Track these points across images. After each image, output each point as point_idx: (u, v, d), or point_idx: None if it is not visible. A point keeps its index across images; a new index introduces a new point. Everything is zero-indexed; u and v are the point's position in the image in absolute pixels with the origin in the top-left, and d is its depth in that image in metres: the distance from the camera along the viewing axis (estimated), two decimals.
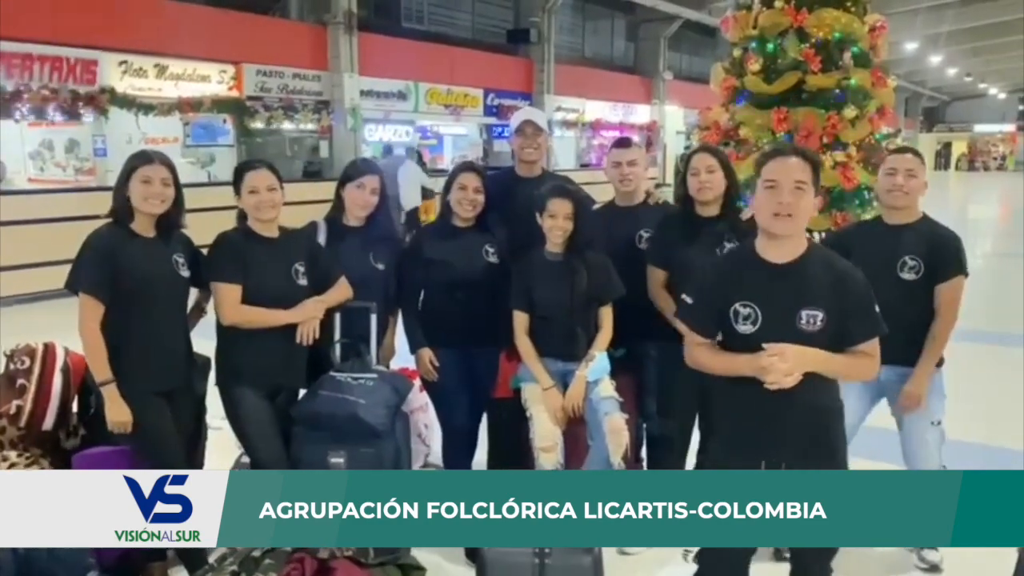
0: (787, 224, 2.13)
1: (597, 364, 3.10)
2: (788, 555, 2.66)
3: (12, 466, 3.08)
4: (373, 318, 3.15)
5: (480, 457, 3.56)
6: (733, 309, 2.17)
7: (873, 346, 2.23)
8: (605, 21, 23.51)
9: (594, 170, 18.72)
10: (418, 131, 16.74)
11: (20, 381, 3.15)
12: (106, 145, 10.40)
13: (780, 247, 2.17)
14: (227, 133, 12.04)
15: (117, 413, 2.66)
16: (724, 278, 2.26)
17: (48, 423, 3.17)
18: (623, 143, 3.54)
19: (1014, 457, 4.27)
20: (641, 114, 23.49)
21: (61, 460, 3.18)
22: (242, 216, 2.98)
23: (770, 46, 8.81)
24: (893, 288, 2.93)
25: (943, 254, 2.98)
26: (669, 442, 3.41)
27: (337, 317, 3.12)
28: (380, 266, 3.26)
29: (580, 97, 20.23)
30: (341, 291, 3.08)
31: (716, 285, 2.25)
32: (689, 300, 2.32)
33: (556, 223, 3.11)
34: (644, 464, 3.62)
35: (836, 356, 2.16)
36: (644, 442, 3.62)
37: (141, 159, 2.76)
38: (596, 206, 3.71)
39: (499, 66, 17.73)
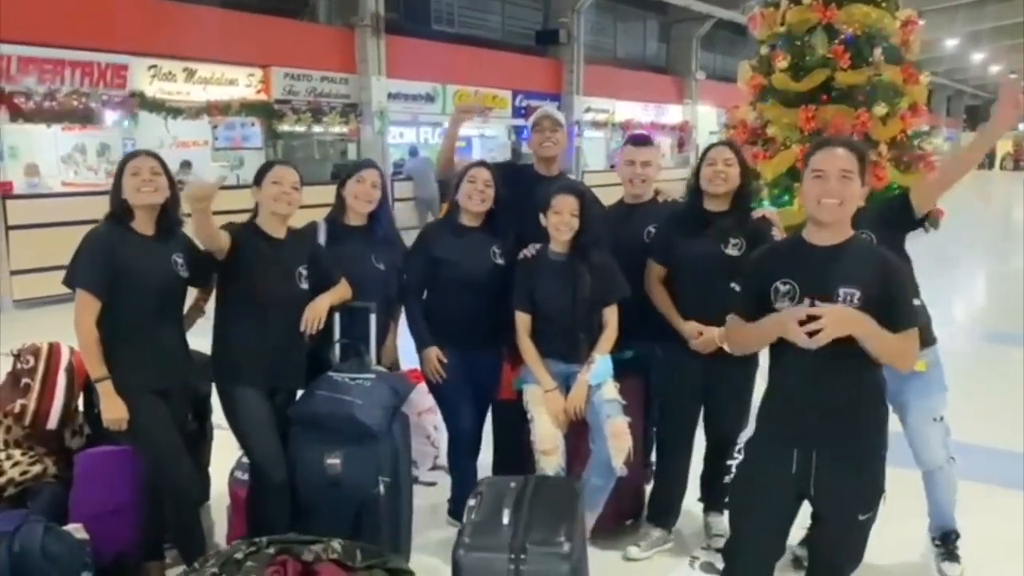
0: (834, 210, 2.16)
1: (599, 367, 3.03)
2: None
3: (16, 464, 3.09)
4: (372, 318, 3.12)
5: (486, 460, 3.53)
6: (774, 287, 2.21)
7: (910, 336, 2.17)
8: (637, 22, 23.36)
9: None
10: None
11: (24, 380, 3.17)
12: (135, 148, 10.52)
13: (825, 232, 2.20)
14: (256, 136, 12.14)
15: (112, 410, 2.65)
16: (768, 260, 2.32)
17: (52, 422, 3.18)
18: (639, 140, 3.45)
19: (1014, 459, 4.16)
20: (673, 114, 23.28)
21: (66, 459, 3.19)
22: (253, 214, 2.97)
23: (798, 43, 8.66)
24: None
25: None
26: (674, 446, 3.32)
27: (337, 317, 3.10)
28: (381, 266, 3.23)
29: (610, 98, 20.10)
30: (340, 291, 3.05)
31: (760, 267, 2.30)
32: (737, 288, 2.37)
33: (562, 219, 3.05)
34: (653, 469, 3.53)
35: (880, 329, 2.10)
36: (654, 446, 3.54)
37: (128, 156, 2.79)
38: (607, 205, 3.66)
39: (528, 67, 17.67)
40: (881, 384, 2.25)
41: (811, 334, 2.04)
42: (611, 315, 3.13)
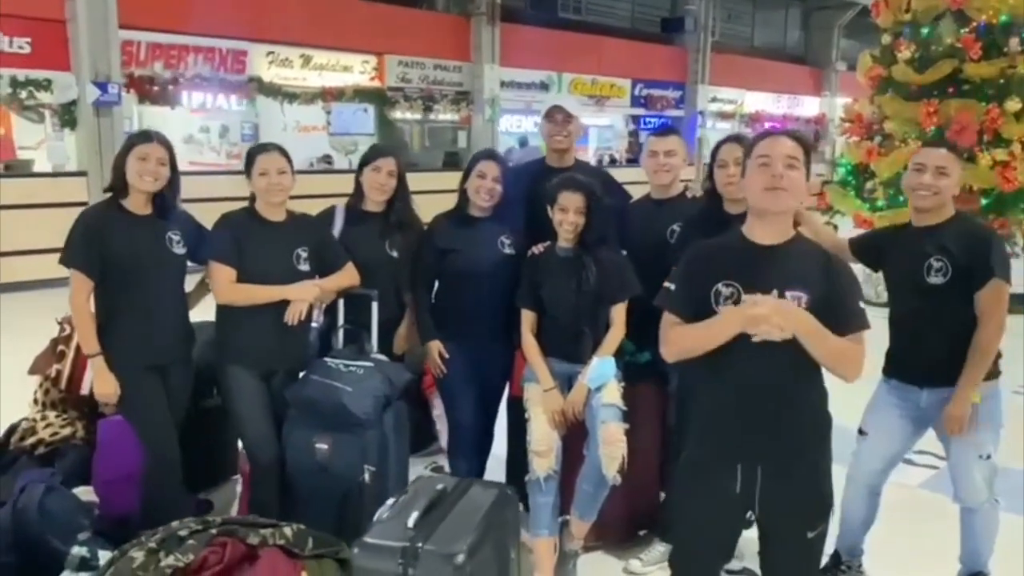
0: (779, 198, 2.00)
1: (599, 369, 2.88)
2: None
3: (48, 425, 3.31)
4: (374, 305, 3.11)
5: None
6: (715, 289, 2.04)
7: (858, 340, 2.02)
8: (778, 9, 22.37)
9: None
10: None
11: (60, 347, 3.38)
12: (253, 131, 11.06)
13: (768, 228, 2.04)
14: (369, 122, 12.44)
15: (102, 385, 2.77)
16: (707, 260, 2.13)
17: (85, 388, 3.34)
18: (662, 131, 3.31)
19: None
20: (809, 106, 22.19)
21: (96, 424, 3.37)
22: (252, 199, 3.02)
23: (924, 31, 8.01)
24: (922, 296, 2.62)
25: (975, 255, 2.57)
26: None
27: (341, 303, 3.11)
28: (394, 253, 3.22)
29: (739, 88, 19.36)
30: (343, 277, 3.06)
31: (699, 268, 2.12)
32: (671, 287, 2.16)
33: (566, 217, 2.94)
34: None
35: (826, 330, 1.95)
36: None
37: (141, 138, 2.82)
38: (634, 200, 3.51)
39: (650, 55, 17.24)
40: (824, 393, 2.09)
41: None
42: (618, 314, 2.98)
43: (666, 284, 2.16)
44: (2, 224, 8.18)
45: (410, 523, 2.07)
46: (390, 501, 2.25)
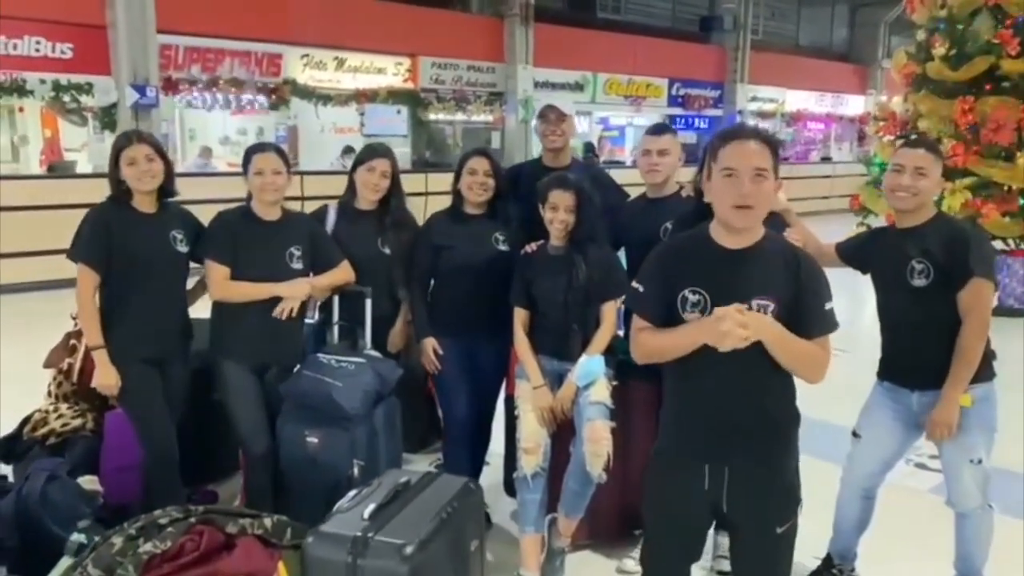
0: (748, 216, 1.96)
1: (587, 367, 2.89)
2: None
3: (60, 417, 3.43)
4: (368, 303, 3.16)
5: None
6: (682, 295, 2.01)
7: (823, 343, 2.01)
8: (824, 7, 22.01)
9: (793, 164, 17.60)
10: (600, 122, 16.60)
11: (72, 341, 3.50)
12: (289, 133, 11.23)
13: (736, 233, 2.01)
14: (402, 123, 12.58)
15: (103, 376, 2.86)
16: (674, 262, 2.10)
17: (95, 380, 3.48)
18: (656, 130, 3.29)
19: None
20: (853, 105, 21.78)
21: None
22: (249, 197, 3.09)
23: (959, 27, 7.83)
24: (908, 299, 2.59)
25: (954, 256, 2.52)
26: None
27: (336, 300, 3.17)
28: (387, 250, 3.27)
29: (779, 86, 19.09)
30: (337, 274, 3.11)
31: (666, 269, 2.10)
32: (640, 288, 2.14)
33: (557, 215, 2.95)
34: None
35: (791, 335, 1.95)
36: None
37: (124, 141, 2.90)
38: (631, 198, 3.52)
39: (687, 55, 17.11)
40: (793, 391, 2.07)
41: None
42: (608, 313, 2.98)
43: (634, 284, 2.14)
44: (48, 224, 8.44)
45: (366, 514, 2.11)
46: (352, 492, 2.28)
